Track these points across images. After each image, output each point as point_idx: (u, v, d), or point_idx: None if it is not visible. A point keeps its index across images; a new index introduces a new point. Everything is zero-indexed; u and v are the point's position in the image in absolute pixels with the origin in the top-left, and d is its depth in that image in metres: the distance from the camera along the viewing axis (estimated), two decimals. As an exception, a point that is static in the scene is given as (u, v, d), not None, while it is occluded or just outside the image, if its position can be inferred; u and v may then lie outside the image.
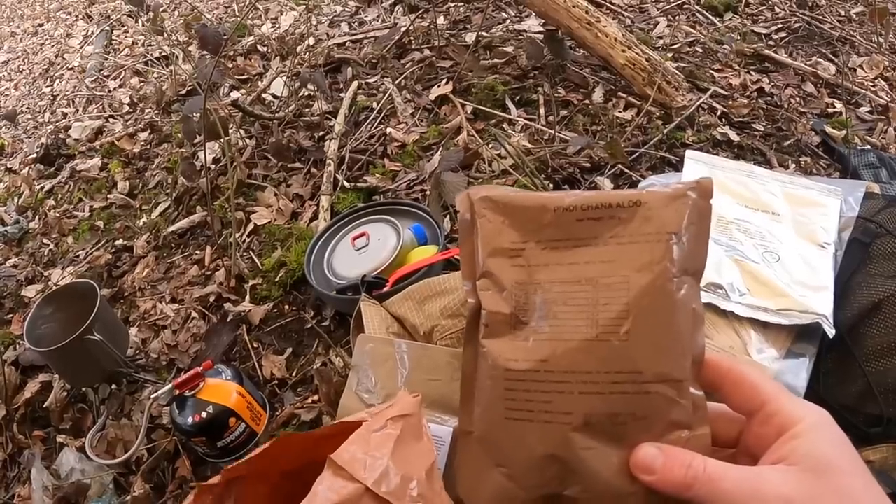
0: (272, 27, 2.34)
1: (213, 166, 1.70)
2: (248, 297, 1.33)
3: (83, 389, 1.27)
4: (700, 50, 1.80)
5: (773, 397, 0.32)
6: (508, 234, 0.34)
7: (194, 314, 1.35)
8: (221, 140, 1.46)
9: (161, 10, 2.54)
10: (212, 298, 1.36)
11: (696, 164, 1.14)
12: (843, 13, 1.97)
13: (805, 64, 1.72)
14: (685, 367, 0.31)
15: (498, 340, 0.34)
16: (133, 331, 1.35)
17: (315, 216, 1.46)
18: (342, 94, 1.79)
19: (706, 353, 0.32)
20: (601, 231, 0.33)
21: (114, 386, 1.25)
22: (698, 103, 1.53)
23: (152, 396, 1.01)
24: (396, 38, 1.95)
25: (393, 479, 0.58)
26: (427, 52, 1.89)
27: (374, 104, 1.73)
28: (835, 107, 1.58)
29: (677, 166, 1.35)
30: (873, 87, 1.68)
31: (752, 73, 1.71)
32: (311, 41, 2.10)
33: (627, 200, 0.32)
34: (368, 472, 0.56)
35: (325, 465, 0.55)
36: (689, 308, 0.32)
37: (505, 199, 0.35)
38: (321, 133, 1.70)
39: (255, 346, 1.25)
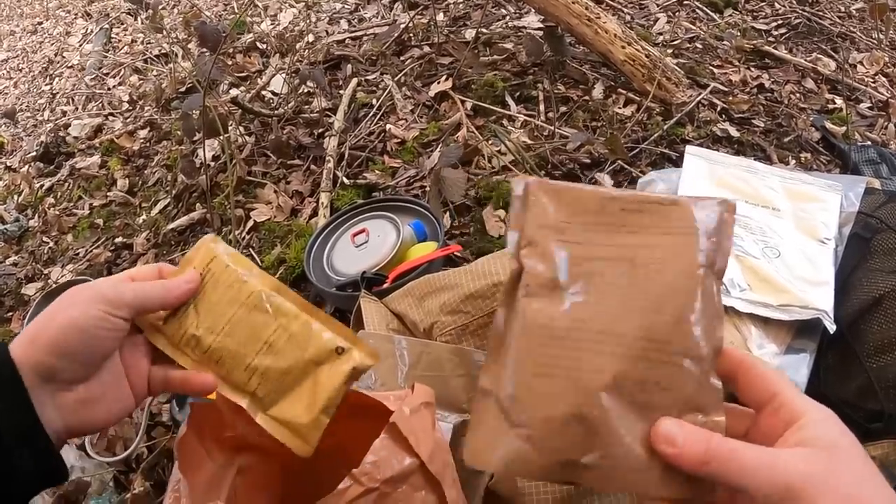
0: (271, 24, 2.33)
1: (212, 163, 1.70)
2: (247, 295, 1.33)
3: (83, 387, 1.27)
4: (700, 46, 1.79)
5: (783, 389, 0.33)
6: (557, 213, 0.37)
7: (194, 311, 1.34)
8: (221, 137, 1.46)
9: (160, 7, 2.53)
10: (211, 296, 1.36)
11: (697, 160, 1.14)
12: (843, 9, 1.97)
13: (805, 60, 1.72)
14: (708, 350, 0.33)
15: (536, 300, 0.35)
16: (133, 328, 1.35)
17: (315, 213, 1.46)
18: (342, 91, 1.79)
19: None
20: (642, 221, 0.36)
21: (114, 383, 1.25)
22: (698, 99, 1.52)
23: (152, 394, 1.00)
24: (396, 34, 1.94)
25: (438, 460, 0.59)
26: (427, 49, 1.88)
27: (374, 101, 1.73)
28: (835, 103, 1.58)
29: (677, 162, 1.34)
30: (873, 83, 1.67)
31: (752, 69, 1.71)
32: (311, 38, 2.10)
33: (668, 200, 0.36)
34: (423, 448, 0.56)
35: (385, 428, 0.55)
36: (713, 298, 0.34)
37: (558, 186, 0.38)
38: (321, 130, 1.69)
39: (255, 343, 1.24)
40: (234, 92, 1.94)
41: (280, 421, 0.50)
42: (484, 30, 1.88)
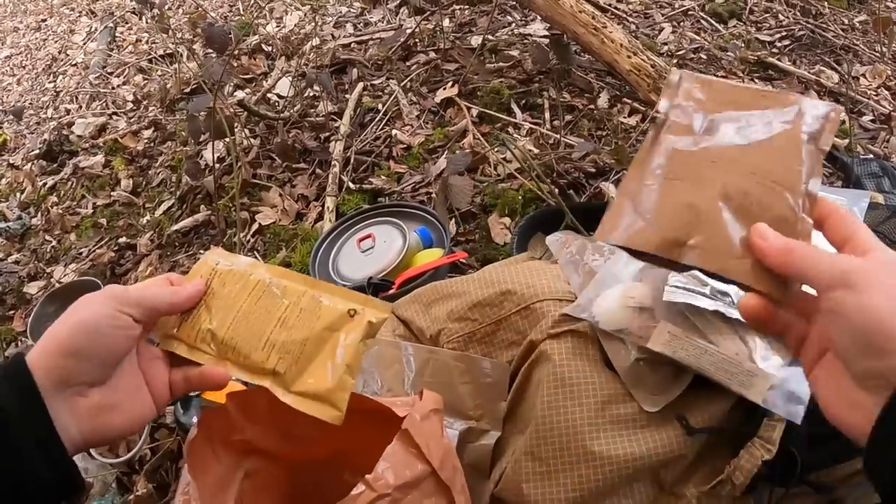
0: (277, 26, 2.34)
1: (217, 165, 1.70)
2: (252, 297, 1.33)
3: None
4: (704, 56, 1.80)
5: (861, 231, 0.40)
6: (699, 93, 0.49)
7: (198, 313, 1.35)
8: (226, 139, 1.46)
9: (166, 7, 2.54)
10: (216, 298, 1.36)
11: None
12: (846, 22, 1.98)
13: (808, 72, 1.73)
14: (804, 189, 0.42)
15: (674, 135, 0.47)
16: (136, 329, 1.35)
17: (320, 217, 1.46)
18: (347, 96, 1.79)
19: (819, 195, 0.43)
20: (764, 101, 0.47)
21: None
22: (703, 110, 1.53)
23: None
24: (402, 39, 1.95)
25: (449, 466, 0.59)
26: (432, 55, 1.89)
27: (380, 106, 1.73)
28: (838, 115, 1.59)
29: (682, 173, 1.35)
30: (876, 95, 1.68)
31: (756, 80, 1.72)
32: (317, 41, 2.11)
33: (786, 92, 0.49)
34: (434, 454, 0.57)
35: (398, 435, 0.56)
36: (815, 163, 0.43)
37: (702, 77, 0.51)
38: (326, 134, 1.70)
39: (259, 346, 1.25)
40: (239, 94, 1.94)
41: (306, 394, 0.50)
42: (490, 37, 1.89)
